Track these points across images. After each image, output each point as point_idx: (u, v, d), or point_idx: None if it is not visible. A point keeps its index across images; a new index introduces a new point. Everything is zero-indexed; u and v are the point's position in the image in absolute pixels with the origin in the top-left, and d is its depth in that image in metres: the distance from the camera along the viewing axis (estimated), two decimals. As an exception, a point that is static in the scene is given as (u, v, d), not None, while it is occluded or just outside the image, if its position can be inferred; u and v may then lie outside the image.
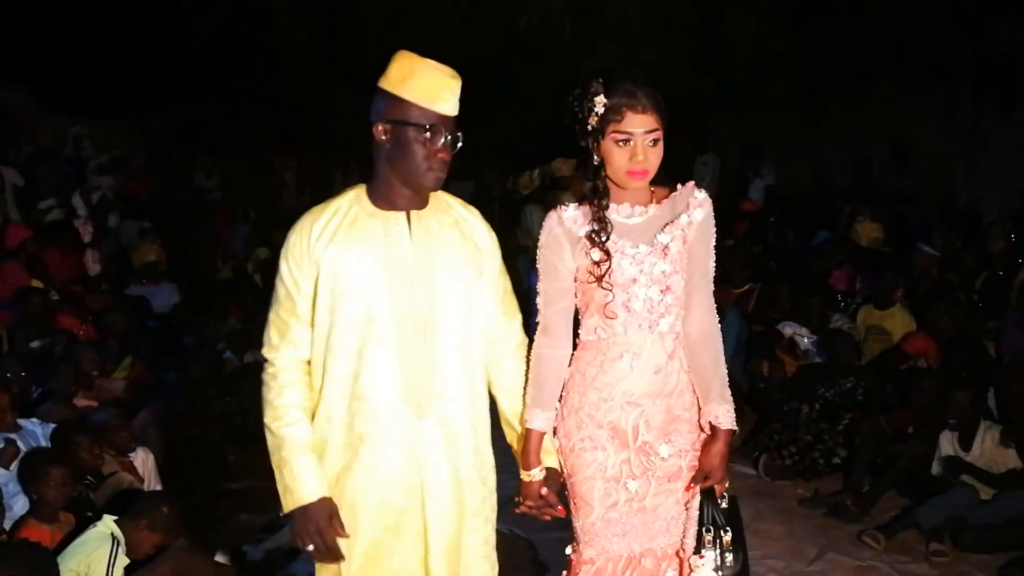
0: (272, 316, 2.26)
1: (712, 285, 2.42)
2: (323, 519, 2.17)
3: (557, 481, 2.42)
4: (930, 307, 5.54)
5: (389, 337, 2.19)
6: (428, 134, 2.14)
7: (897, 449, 4.78)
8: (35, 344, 5.99)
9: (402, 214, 2.23)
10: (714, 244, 2.40)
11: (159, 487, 4.46)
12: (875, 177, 9.51)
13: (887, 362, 5.53)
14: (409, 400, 2.20)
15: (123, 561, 3.38)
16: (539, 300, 2.38)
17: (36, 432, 4.30)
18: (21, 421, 4.32)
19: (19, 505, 3.82)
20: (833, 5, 10.29)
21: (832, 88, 10.50)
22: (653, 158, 2.28)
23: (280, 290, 2.25)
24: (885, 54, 10.00)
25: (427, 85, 2.14)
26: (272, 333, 2.26)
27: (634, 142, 2.25)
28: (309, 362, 2.26)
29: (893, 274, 6.01)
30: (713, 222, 2.39)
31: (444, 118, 2.15)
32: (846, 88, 10.42)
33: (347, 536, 2.20)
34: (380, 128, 2.19)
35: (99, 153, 11.31)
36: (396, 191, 2.22)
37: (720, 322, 6.52)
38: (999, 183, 8.55)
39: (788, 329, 6.06)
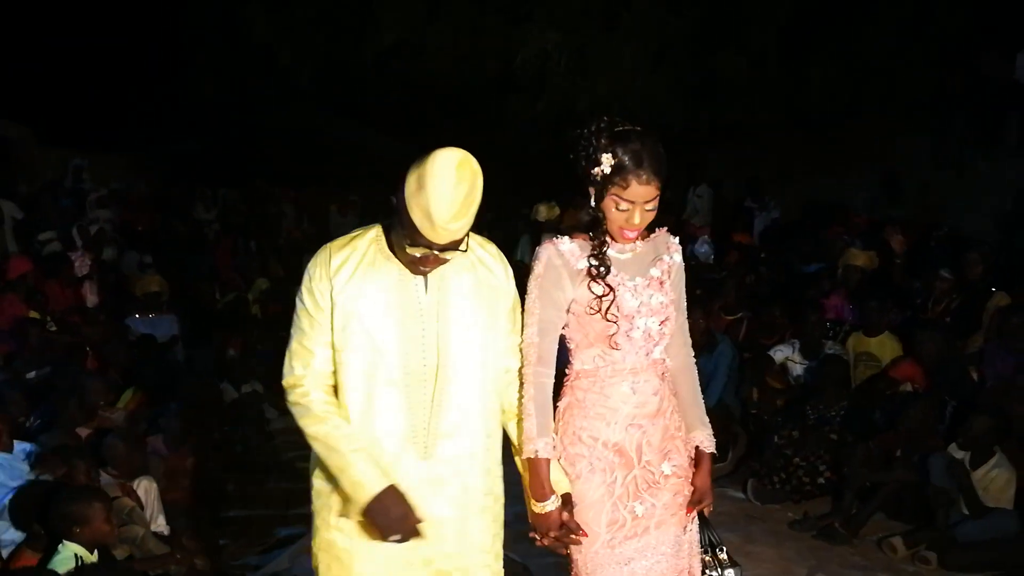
0: (295, 347, 2.23)
1: (687, 322, 2.55)
2: (398, 503, 2.16)
3: (573, 506, 2.40)
4: (915, 334, 5.63)
5: (396, 379, 2.20)
6: (418, 255, 2.15)
7: (885, 474, 4.85)
8: (32, 374, 6.06)
9: None
10: (684, 284, 2.53)
11: (161, 516, 4.53)
12: (866, 208, 9.67)
13: (875, 387, 5.59)
14: (416, 441, 2.23)
15: (91, 557, 3.50)
16: (533, 330, 2.38)
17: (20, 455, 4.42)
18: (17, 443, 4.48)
19: (8, 535, 3.92)
20: (825, 41, 10.50)
21: (824, 121, 10.69)
22: (648, 219, 2.37)
23: (303, 320, 2.22)
24: (875, 88, 10.21)
25: (428, 215, 2.07)
26: (295, 364, 2.22)
27: (633, 209, 2.33)
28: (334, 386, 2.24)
29: (880, 302, 6.08)
30: (683, 265, 2.54)
31: (438, 246, 2.14)
32: (837, 121, 10.60)
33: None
34: (396, 202, 2.15)
35: (98, 186, 11.41)
36: None
37: (713, 350, 6.52)
38: (985, 213, 8.72)
39: (779, 355, 6.14)
